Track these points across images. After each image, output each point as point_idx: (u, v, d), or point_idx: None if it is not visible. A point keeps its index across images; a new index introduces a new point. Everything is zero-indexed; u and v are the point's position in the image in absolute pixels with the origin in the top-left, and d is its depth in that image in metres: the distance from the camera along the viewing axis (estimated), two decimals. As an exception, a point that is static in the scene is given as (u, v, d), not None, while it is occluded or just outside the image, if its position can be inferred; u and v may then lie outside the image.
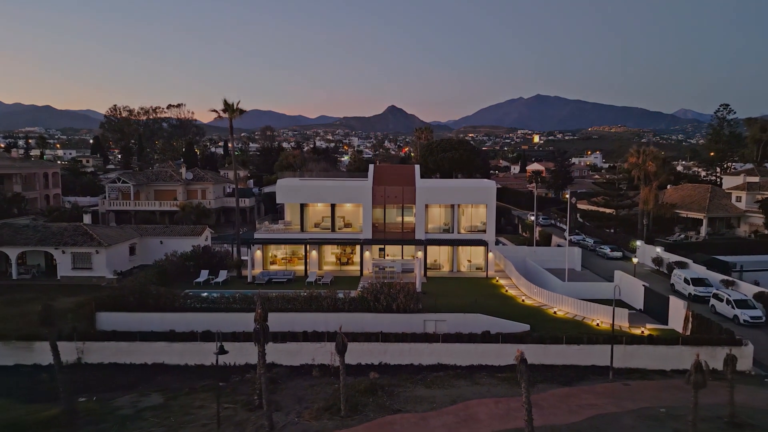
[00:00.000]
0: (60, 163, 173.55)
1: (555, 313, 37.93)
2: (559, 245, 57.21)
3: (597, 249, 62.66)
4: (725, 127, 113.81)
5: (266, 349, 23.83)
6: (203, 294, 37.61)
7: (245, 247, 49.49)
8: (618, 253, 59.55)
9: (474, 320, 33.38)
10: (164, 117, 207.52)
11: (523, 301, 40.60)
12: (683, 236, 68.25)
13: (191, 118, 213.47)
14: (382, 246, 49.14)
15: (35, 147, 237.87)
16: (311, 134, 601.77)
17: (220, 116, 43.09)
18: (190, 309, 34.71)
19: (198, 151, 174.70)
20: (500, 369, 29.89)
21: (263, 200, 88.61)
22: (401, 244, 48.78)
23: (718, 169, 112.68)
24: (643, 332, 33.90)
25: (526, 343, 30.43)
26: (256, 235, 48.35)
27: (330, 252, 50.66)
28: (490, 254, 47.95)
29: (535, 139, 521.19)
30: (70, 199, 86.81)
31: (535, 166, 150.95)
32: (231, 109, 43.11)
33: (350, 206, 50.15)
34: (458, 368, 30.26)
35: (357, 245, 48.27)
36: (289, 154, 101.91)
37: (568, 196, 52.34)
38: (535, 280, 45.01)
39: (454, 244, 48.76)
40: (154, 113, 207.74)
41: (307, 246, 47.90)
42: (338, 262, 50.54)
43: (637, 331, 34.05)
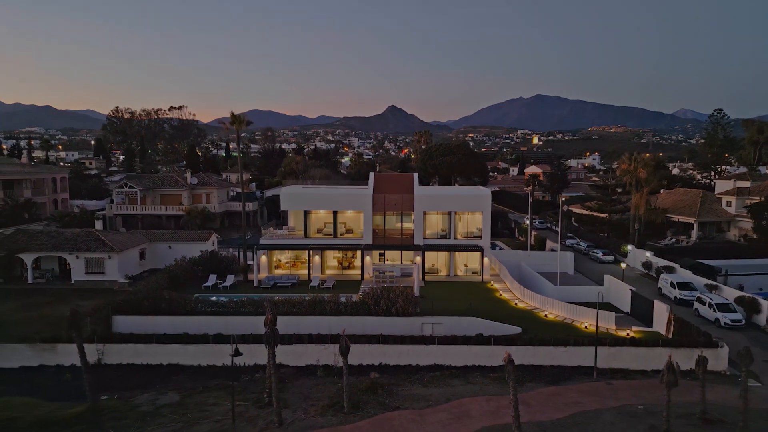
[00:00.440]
0: (62, 164, 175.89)
1: (546, 316, 39.98)
2: (552, 249, 59.24)
3: (590, 253, 64.72)
4: (719, 132, 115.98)
5: (275, 351, 25.95)
6: (212, 298, 39.73)
7: (250, 251, 51.70)
8: (610, 257, 61.61)
9: (468, 323, 35.46)
10: (166, 117, 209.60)
11: (516, 304, 42.62)
12: (674, 240, 70.34)
13: (192, 118, 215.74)
14: (382, 251, 51.19)
15: (38, 148, 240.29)
16: (311, 134, 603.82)
17: (227, 127, 45.20)
18: (201, 312, 36.75)
19: (200, 153, 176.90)
20: (492, 369, 31.94)
21: (266, 204, 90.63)
22: (400, 250, 50.84)
23: (713, 173, 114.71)
24: (628, 334, 35.96)
25: (516, 345, 32.53)
26: (261, 241, 50.40)
27: (332, 257, 52.73)
28: (485, 259, 50.00)
29: (534, 140, 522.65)
30: (77, 202, 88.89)
31: (533, 168, 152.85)
32: (238, 121, 45.24)
33: (351, 213, 52.19)
34: (453, 368, 32.31)
35: (358, 250, 50.33)
36: (291, 160, 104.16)
37: (561, 202, 54.35)
38: (529, 284, 47.02)
39: (451, 249, 50.84)
40: (155, 115, 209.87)
41: (310, 251, 49.97)
42: (340, 266, 52.61)
43: (623, 333, 36.07)
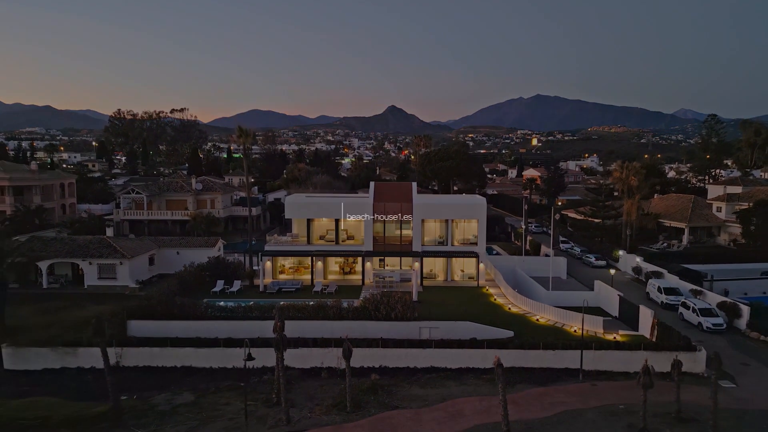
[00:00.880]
0: (65, 166, 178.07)
1: (537, 320, 42.11)
2: (546, 255, 61.39)
3: (584, 257, 66.91)
4: (713, 136, 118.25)
5: (283, 354, 28.14)
6: (220, 303, 41.88)
7: (255, 256, 53.95)
8: (602, 262, 63.81)
9: (464, 327, 37.59)
10: (167, 117, 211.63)
11: (510, 309, 44.76)
12: (666, 245, 72.51)
13: (193, 119, 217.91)
14: (382, 257, 53.45)
15: (40, 149, 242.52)
16: (311, 134, 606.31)
17: (235, 141, 47.27)
18: (211, 317, 38.92)
19: (202, 156, 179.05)
20: (485, 371, 34.00)
21: (268, 208, 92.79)
22: (399, 256, 53.07)
23: (707, 177, 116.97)
24: (615, 338, 38.09)
25: (508, 348, 34.64)
26: (266, 248, 52.60)
27: (334, 262, 54.95)
28: (481, 265, 52.17)
29: (534, 141, 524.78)
30: (84, 206, 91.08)
31: (531, 171, 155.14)
32: (245, 135, 47.41)
33: (353, 220, 54.42)
34: (448, 371, 34.43)
35: (359, 256, 52.55)
36: (294, 168, 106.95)
37: (553, 210, 56.51)
38: (524, 289, 49.19)
39: (448, 255, 53.07)
40: (157, 116, 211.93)
41: (313, 257, 52.17)
42: (341, 271, 54.83)
43: (611, 337, 38.18)
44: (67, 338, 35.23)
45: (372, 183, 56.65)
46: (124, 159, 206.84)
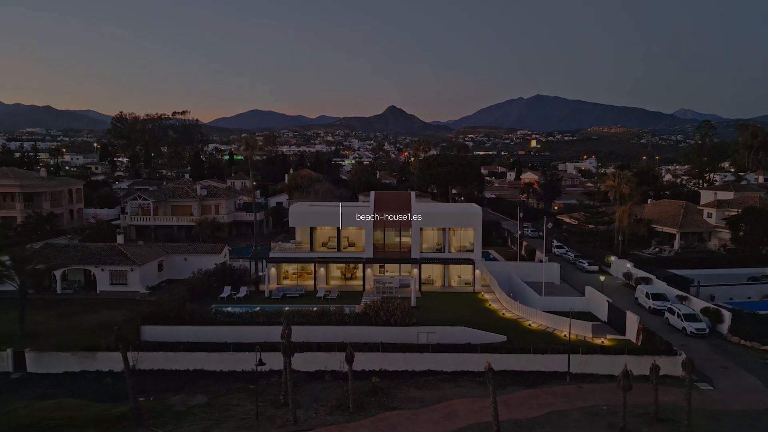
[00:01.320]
0: (68, 168, 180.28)
1: (530, 325, 44.25)
2: (540, 260, 63.60)
3: (577, 262, 69.12)
4: (707, 142, 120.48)
5: (290, 359, 30.36)
6: (228, 308, 44.04)
7: (260, 262, 56.18)
8: (595, 267, 65.99)
9: (459, 332, 39.84)
10: (168, 119, 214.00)
11: (503, 314, 46.90)
12: (657, 250, 74.69)
13: (194, 120, 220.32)
14: (382, 264, 55.69)
15: (42, 150, 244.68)
16: (311, 135, 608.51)
17: (241, 154, 49.44)
18: (220, 323, 41.06)
19: (204, 159, 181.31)
20: (479, 374, 36.01)
21: (271, 213, 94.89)
22: (399, 262, 55.28)
23: (701, 182, 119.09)
24: (603, 342, 40.24)
25: (500, 352, 36.86)
26: (270, 255, 54.82)
27: (336, 268, 57.16)
28: (477, 271, 54.36)
29: (533, 143, 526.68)
30: (91, 211, 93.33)
31: (529, 175, 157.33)
32: (251, 147, 49.62)
33: (354, 228, 56.62)
34: (444, 373, 36.59)
35: (360, 263, 54.80)
36: (297, 175, 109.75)
37: (546, 219, 58.90)
38: (518, 294, 51.35)
39: (446, 262, 55.30)
40: (159, 118, 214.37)
41: (316, 264, 54.39)
42: (343, 277, 57.06)
43: (599, 342, 40.30)
44: (86, 343, 37.38)
45: (372, 193, 58.86)
46: (126, 161, 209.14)
